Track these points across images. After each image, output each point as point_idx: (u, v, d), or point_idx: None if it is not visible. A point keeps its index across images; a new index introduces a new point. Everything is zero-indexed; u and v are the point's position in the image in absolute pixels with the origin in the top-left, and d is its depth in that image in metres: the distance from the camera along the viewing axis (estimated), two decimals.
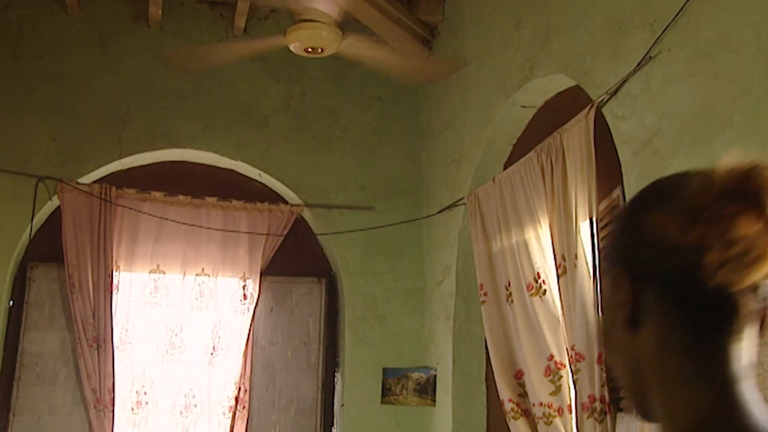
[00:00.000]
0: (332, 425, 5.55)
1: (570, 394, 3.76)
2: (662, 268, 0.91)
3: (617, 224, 1.01)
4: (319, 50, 4.34)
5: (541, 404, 3.95)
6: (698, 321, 0.90)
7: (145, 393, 5.27)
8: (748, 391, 0.89)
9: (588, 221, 3.62)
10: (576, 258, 3.62)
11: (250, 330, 5.42)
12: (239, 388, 5.34)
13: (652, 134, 3.05)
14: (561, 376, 3.85)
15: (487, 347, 4.54)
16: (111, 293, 5.15)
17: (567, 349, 3.67)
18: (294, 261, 5.68)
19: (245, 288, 5.45)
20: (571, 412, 3.73)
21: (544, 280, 4.00)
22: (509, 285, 4.27)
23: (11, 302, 5.17)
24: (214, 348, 5.38)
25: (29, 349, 5.16)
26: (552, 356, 3.92)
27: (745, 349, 0.91)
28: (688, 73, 2.86)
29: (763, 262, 0.85)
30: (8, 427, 5.01)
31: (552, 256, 3.83)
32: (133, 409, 5.22)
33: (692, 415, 0.89)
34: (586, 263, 3.59)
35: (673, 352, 0.91)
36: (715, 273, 0.85)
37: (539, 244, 4.06)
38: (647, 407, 0.95)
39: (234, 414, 5.29)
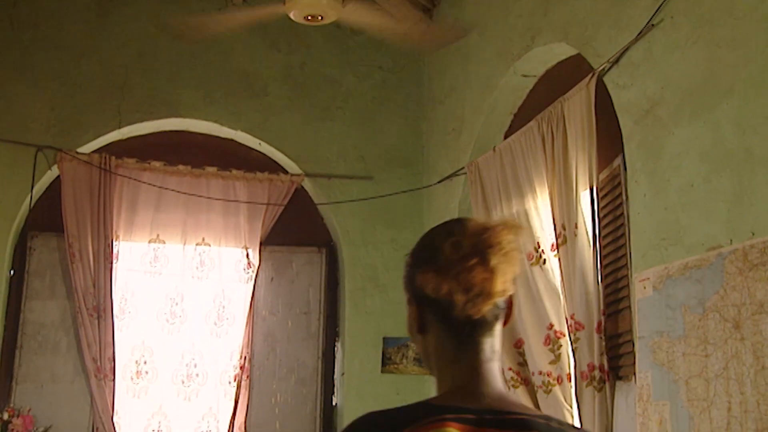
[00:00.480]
0: (332, 394, 5.58)
1: (569, 363, 3.78)
2: (431, 303, 1.41)
3: (405, 269, 1.49)
4: (319, 18, 4.31)
5: (541, 373, 3.97)
6: (457, 331, 1.41)
7: (145, 362, 5.29)
8: (491, 368, 1.40)
9: (588, 190, 3.62)
10: (576, 227, 3.61)
11: (251, 299, 5.44)
12: (244, 357, 5.36)
13: (653, 103, 3.03)
14: (560, 345, 3.86)
15: None
16: (111, 263, 5.16)
17: (566, 318, 3.68)
18: (294, 231, 5.68)
19: (248, 257, 5.46)
20: (570, 381, 3.75)
21: (543, 250, 4.00)
22: None
23: (12, 271, 5.18)
24: (218, 317, 5.40)
25: (31, 318, 5.19)
26: (551, 325, 3.93)
27: (488, 344, 1.41)
28: (690, 41, 2.83)
29: (490, 297, 1.34)
30: (11, 394, 5.04)
31: (552, 225, 3.83)
32: (133, 379, 5.25)
33: (455, 381, 1.40)
34: (586, 232, 3.59)
35: (445, 347, 1.42)
36: (463, 308, 1.35)
37: (539, 213, 4.06)
38: (433, 374, 1.46)
39: (239, 383, 5.32)
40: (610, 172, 3.59)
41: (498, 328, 1.43)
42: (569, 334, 3.67)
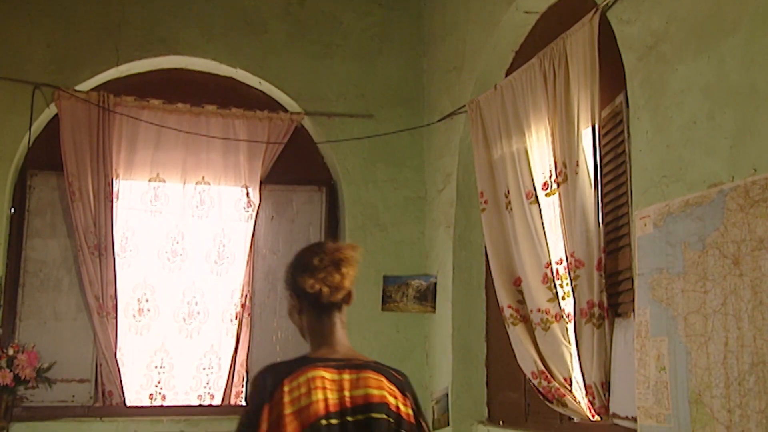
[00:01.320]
0: None
1: (567, 300, 3.81)
2: (306, 296, 2.19)
3: (287, 276, 2.27)
4: None
5: (539, 310, 4.00)
6: (321, 312, 2.21)
7: (147, 300, 5.33)
8: (343, 333, 2.22)
9: (590, 128, 3.59)
10: (577, 165, 3.61)
11: (252, 238, 5.45)
12: (244, 296, 5.40)
13: (657, 39, 2.99)
14: (559, 284, 3.88)
15: (487, 255, 4.57)
16: (111, 201, 5.16)
17: (566, 256, 3.70)
18: (294, 169, 5.67)
19: (248, 195, 5.46)
20: (569, 319, 3.78)
21: (546, 183, 3.99)
22: (509, 193, 4.27)
23: (12, 210, 5.19)
24: (218, 256, 5.42)
25: (32, 256, 5.21)
26: (549, 263, 3.95)
27: (339, 318, 2.22)
28: None
29: (342, 290, 2.18)
30: (15, 330, 5.09)
31: (553, 163, 3.82)
32: (135, 316, 5.30)
33: (321, 343, 2.20)
34: (587, 170, 3.59)
35: (315, 322, 2.23)
36: (327, 297, 2.17)
37: (540, 151, 4.04)
38: (307, 340, 2.26)
39: (240, 321, 5.37)
40: (612, 110, 3.57)
41: (344, 309, 2.26)
42: (569, 272, 3.69)
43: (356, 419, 2.08)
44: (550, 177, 3.92)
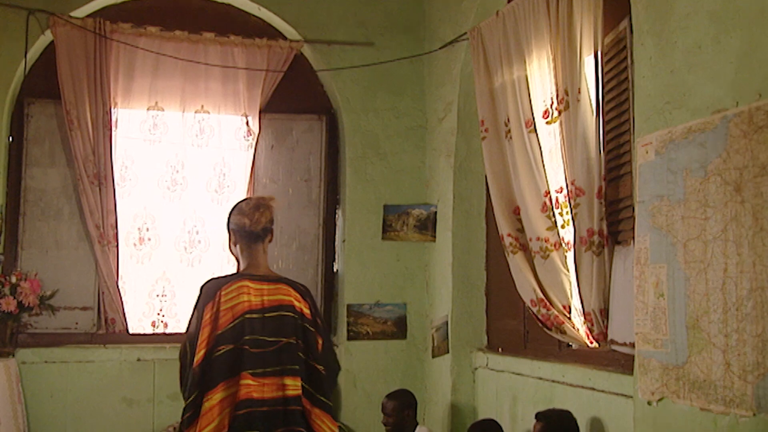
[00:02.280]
0: (333, 260, 5.66)
1: (567, 228, 3.81)
2: (239, 230, 3.10)
3: (227, 218, 3.15)
4: None
5: (538, 239, 4.02)
6: (249, 240, 3.10)
7: (148, 229, 5.34)
8: (264, 258, 3.13)
9: (592, 55, 3.55)
10: (579, 92, 3.57)
11: (252, 167, 5.44)
12: None
13: None
14: (558, 212, 3.88)
15: (487, 183, 4.57)
16: (110, 130, 5.13)
17: (567, 184, 3.69)
18: (294, 98, 5.62)
19: (248, 124, 5.42)
20: (568, 247, 3.79)
21: (547, 111, 3.96)
22: (509, 121, 4.24)
23: (11, 138, 5.16)
24: (219, 185, 5.41)
25: (32, 185, 5.20)
26: (548, 192, 3.94)
27: (261, 246, 3.11)
28: None
29: (261, 224, 3.10)
30: (17, 259, 5.12)
31: (555, 91, 3.79)
32: (135, 245, 5.31)
33: (248, 263, 3.11)
34: (589, 98, 3.55)
35: (244, 249, 3.12)
36: (251, 228, 3.09)
37: (541, 79, 4.00)
38: (240, 263, 3.14)
39: None
40: (615, 36, 3.51)
41: (266, 242, 3.14)
42: (569, 200, 3.69)
43: (271, 315, 2.99)
44: (552, 105, 3.89)
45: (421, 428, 4.68)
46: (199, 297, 3.02)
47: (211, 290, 2.98)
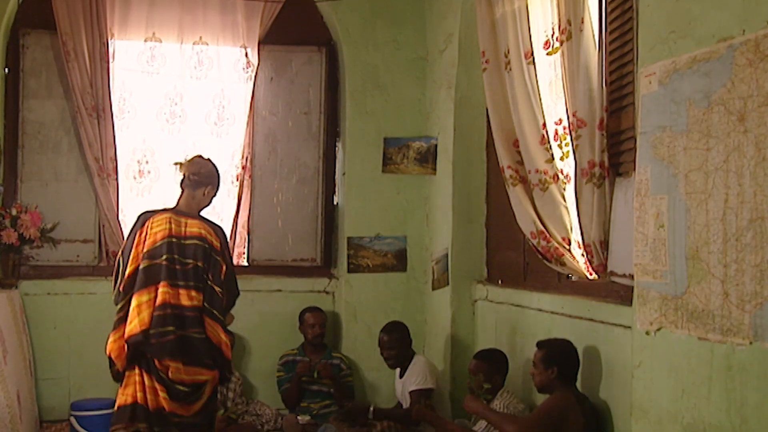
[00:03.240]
0: (333, 193, 5.66)
1: (566, 161, 3.79)
2: (182, 179, 3.88)
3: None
4: None
5: (537, 171, 4.00)
6: (182, 184, 3.85)
7: (147, 162, 5.33)
8: (190, 201, 3.83)
9: None
10: (582, 22, 3.52)
11: (251, 99, 5.39)
12: (245, 157, 5.39)
13: None
14: (558, 144, 3.86)
15: (488, 116, 4.53)
16: (107, 62, 5.08)
17: (568, 116, 3.66)
18: (293, 29, 5.54)
19: (247, 56, 5.36)
20: (567, 180, 3.78)
21: (549, 41, 3.91)
22: (509, 52, 4.19)
23: (7, 69, 5.10)
24: (218, 117, 5.38)
25: (30, 118, 5.16)
26: (545, 125, 3.92)
27: (189, 190, 3.82)
28: None
29: (194, 172, 3.85)
30: (17, 192, 5.12)
31: (557, 20, 3.73)
32: (135, 178, 5.31)
33: (175, 204, 3.86)
34: (592, 28, 3.50)
35: (181, 192, 3.84)
36: (186, 174, 3.85)
37: (543, 9, 3.94)
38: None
39: (241, 182, 5.38)
40: None
41: (197, 190, 3.79)
42: (570, 132, 3.66)
43: (187, 242, 3.70)
44: (553, 35, 3.83)
45: (418, 357, 4.74)
46: (133, 224, 3.80)
47: (143, 219, 3.75)
